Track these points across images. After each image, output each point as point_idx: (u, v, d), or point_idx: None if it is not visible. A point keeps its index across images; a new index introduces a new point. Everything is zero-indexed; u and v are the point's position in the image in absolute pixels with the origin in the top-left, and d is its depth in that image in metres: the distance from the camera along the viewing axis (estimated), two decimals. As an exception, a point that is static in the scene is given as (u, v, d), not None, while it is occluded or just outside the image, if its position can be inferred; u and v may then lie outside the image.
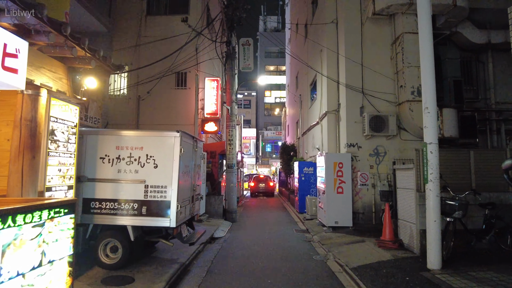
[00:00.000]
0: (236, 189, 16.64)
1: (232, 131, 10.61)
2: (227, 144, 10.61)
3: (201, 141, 6.33)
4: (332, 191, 8.57)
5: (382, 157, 9.40)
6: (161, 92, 11.29)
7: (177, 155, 4.79)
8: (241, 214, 12.37)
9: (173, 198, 4.70)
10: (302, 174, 11.97)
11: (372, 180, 9.27)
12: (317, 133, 11.80)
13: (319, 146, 11.44)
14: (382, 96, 9.45)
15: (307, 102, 14.53)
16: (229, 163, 10.58)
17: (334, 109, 10.21)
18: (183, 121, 11.06)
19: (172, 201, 4.69)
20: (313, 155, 12.74)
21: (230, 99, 10.65)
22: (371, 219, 9.14)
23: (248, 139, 44.01)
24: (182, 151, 4.88)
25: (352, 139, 9.40)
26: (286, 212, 13.31)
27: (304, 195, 11.77)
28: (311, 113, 13.42)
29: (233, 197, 10.54)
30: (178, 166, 4.77)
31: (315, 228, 9.07)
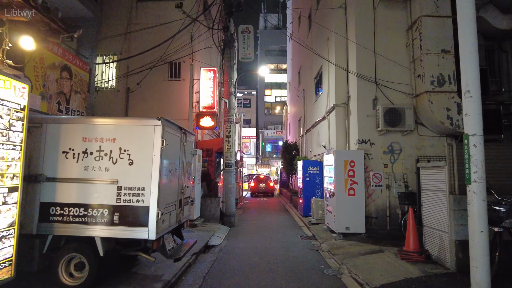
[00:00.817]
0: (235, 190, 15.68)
1: (231, 127, 9.63)
2: (225, 141, 9.63)
3: (192, 134, 5.35)
4: (343, 193, 7.59)
5: (397, 154, 8.43)
6: (152, 84, 10.32)
7: (158, 149, 3.81)
8: (240, 218, 11.39)
9: (152, 202, 3.73)
10: (307, 174, 10.99)
11: (387, 181, 8.30)
12: (323, 130, 10.83)
13: (326, 143, 10.46)
14: (397, 87, 8.48)
15: (311, 97, 13.56)
16: (227, 162, 9.61)
17: (343, 102, 9.24)
18: (176, 116, 10.07)
19: (152, 207, 3.72)
20: (318, 154, 11.77)
21: (228, 91, 9.67)
22: (385, 225, 8.16)
23: (248, 139, 43.14)
24: (165, 144, 3.91)
25: (364, 134, 8.42)
26: (289, 215, 12.33)
27: (308, 197, 10.79)
28: (315, 109, 12.44)
29: (231, 199, 9.56)
30: (160, 162, 3.80)
31: (323, 234, 8.08)
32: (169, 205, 4.19)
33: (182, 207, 4.74)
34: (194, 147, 5.69)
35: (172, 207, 4.33)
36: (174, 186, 4.43)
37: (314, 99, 12.90)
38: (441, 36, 8.04)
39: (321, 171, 11.02)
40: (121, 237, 3.78)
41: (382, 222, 8.19)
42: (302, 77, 16.80)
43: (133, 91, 10.08)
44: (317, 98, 12.14)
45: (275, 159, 42.42)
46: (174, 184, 4.41)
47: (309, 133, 13.95)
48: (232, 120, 9.71)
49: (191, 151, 5.30)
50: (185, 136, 4.87)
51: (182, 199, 4.71)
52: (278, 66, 48.37)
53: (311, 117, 13.55)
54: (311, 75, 13.49)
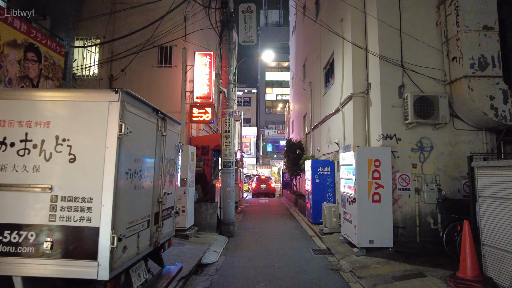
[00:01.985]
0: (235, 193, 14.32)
1: (230, 120, 8.27)
2: (223, 136, 8.28)
3: (177, 122, 3.99)
4: (366, 199, 6.23)
5: (427, 152, 7.07)
6: (139, 71, 8.96)
7: (114, 138, 2.47)
8: (241, 225, 10.02)
9: (104, 221, 2.38)
10: (316, 175, 9.63)
11: (415, 183, 6.94)
12: (336, 124, 9.47)
13: (339, 140, 9.10)
14: (427, 72, 7.12)
15: (319, 90, 12.21)
16: (226, 161, 8.25)
17: (362, 91, 7.88)
18: (167, 107, 8.65)
19: (103, 228, 2.37)
20: (329, 152, 10.41)
21: (226, 79, 8.32)
22: (414, 236, 6.80)
23: (248, 138, 41.84)
24: (127, 131, 2.56)
25: (389, 128, 7.06)
26: (295, 221, 10.96)
27: (319, 202, 9.43)
28: (325, 102, 11.08)
29: (230, 204, 8.20)
30: (116, 159, 2.46)
31: (340, 248, 6.73)
32: (136, 223, 2.84)
33: (161, 222, 3.38)
34: (188, 141, 4.31)
35: (143, 225, 2.98)
36: (146, 194, 3.08)
37: (323, 91, 11.54)
38: (482, 10, 6.69)
39: (332, 172, 9.67)
40: (56, 276, 2.42)
41: (410, 233, 6.84)
42: (308, 69, 15.45)
43: (116, 78, 8.71)
44: (327, 90, 10.78)
45: (276, 159, 41.18)
46: (145, 192, 3.05)
47: (317, 130, 12.59)
48: (231, 113, 8.36)
49: (176, 146, 3.94)
50: (164, 123, 3.50)
51: (159, 211, 3.36)
52: (279, 64, 47.12)
53: (319, 112, 12.19)
54: (319, 65, 12.14)
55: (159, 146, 3.36)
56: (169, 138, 3.62)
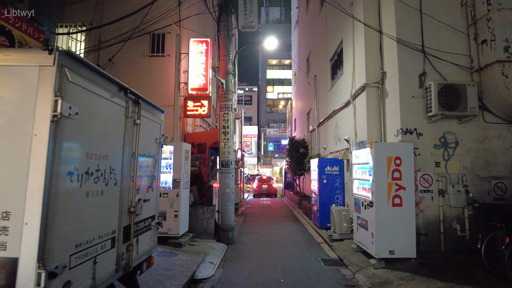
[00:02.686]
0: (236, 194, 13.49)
1: (228, 114, 7.45)
2: (221, 132, 7.45)
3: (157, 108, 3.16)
4: (385, 203, 5.39)
5: (452, 149, 6.23)
6: (129, 60, 8.14)
7: (46, 121, 1.64)
8: (241, 229, 9.20)
9: (26, 249, 1.55)
10: (324, 175, 8.79)
11: (439, 184, 6.10)
12: (346, 119, 8.63)
13: (349, 136, 8.26)
14: (451, 59, 6.28)
15: (325, 83, 11.36)
16: (224, 159, 7.43)
17: (376, 80, 7.04)
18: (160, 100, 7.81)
19: (24, 260, 1.54)
20: (336, 150, 9.57)
21: (225, 69, 7.49)
22: (438, 244, 5.96)
23: (249, 137, 41.02)
24: (73, 113, 1.74)
25: (408, 122, 6.22)
26: (300, 225, 10.13)
27: (327, 204, 8.60)
28: (332, 96, 10.24)
29: (229, 208, 7.38)
30: (50, 152, 1.63)
31: (354, 258, 5.89)
32: (90, 244, 2.02)
33: (133, 239, 2.55)
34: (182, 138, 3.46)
35: (103, 245, 2.16)
36: (107, 203, 2.24)
37: (329, 84, 10.70)
38: (516, -15, 5.85)
39: (341, 172, 8.84)
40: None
41: (433, 240, 6.00)
42: (313, 63, 14.60)
43: (104, 68, 7.89)
44: (335, 83, 9.94)
45: (277, 158, 40.40)
46: (106, 200, 2.22)
47: (323, 127, 11.75)
48: (230, 106, 7.53)
49: (157, 139, 3.12)
50: (138, 108, 2.67)
51: (131, 224, 2.53)
52: (280, 62, 46.36)
53: (325, 108, 11.35)
54: (325, 57, 11.29)
55: (130, 138, 2.53)
56: (146, 128, 2.79)
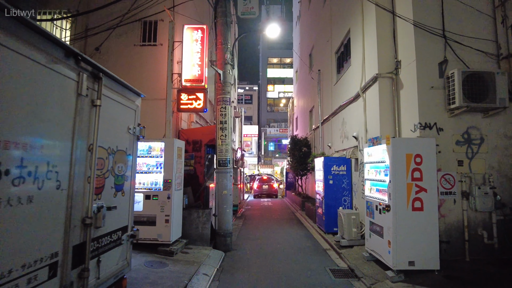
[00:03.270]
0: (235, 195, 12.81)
1: (226, 109, 6.78)
2: (218, 129, 6.78)
3: (129, 88, 2.47)
4: (404, 207, 4.72)
5: (476, 146, 5.55)
6: (118, 50, 7.47)
7: None
8: (240, 234, 8.53)
9: None
10: (330, 175, 8.11)
11: (462, 186, 5.43)
12: (354, 115, 7.95)
13: (358, 133, 7.59)
14: (475, 44, 5.61)
15: (330, 78, 10.69)
16: (221, 158, 6.76)
17: (389, 71, 6.36)
18: (151, 93, 7.23)
19: None
20: (343, 149, 8.90)
21: (222, 58, 6.82)
22: (462, 253, 5.30)
23: (250, 137, 40.38)
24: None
25: (427, 116, 5.55)
26: (304, 228, 9.45)
27: (333, 207, 7.93)
28: (338, 90, 9.57)
29: (227, 211, 6.71)
30: None
31: (367, 268, 5.22)
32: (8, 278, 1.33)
33: (89, 262, 1.87)
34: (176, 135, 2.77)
35: (32, 278, 1.48)
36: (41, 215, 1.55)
37: (335, 79, 10.03)
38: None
39: (349, 172, 8.17)
40: None
41: (456, 249, 5.33)
42: (316, 58, 13.93)
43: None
44: (341, 76, 9.27)
45: (278, 158, 39.80)
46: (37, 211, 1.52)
47: (327, 124, 11.08)
48: (228, 100, 6.86)
49: (130, 129, 2.44)
50: (99, 85, 1.98)
51: (87, 241, 1.85)
52: (281, 60, 45.78)
53: (329, 104, 10.68)
54: (330, 50, 10.63)
55: (86, 124, 1.86)
56: (112, 113, 2.13)
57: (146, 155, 6.01)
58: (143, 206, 5.89)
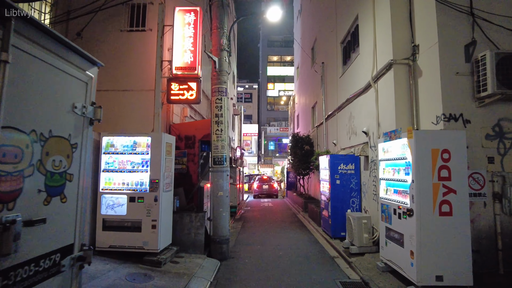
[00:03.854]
0: (233, 196, 12.12)
1: (222, 100, 6.06)
2: (214, 123, 6.06)
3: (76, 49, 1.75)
4: (430, 211, 4.01)
5: (509, 141, 4.83)
6: (104, 36, 6.75)
7: None
8: (239, 239, 7.81)
9: None
10: (337, 175, 7.40)
11: (493, 186, 4.72)
12: (364, 108, 7.23)
13: (368, 127, 6.87)
14: (508, 24, 4.89)
15: (334, 71, 9.97)
16: (217, 156, 6.04)
17: (406, 56, 5.64)
18: (139, 84, 6.53)
19: None
20: (351, 146, 8.19)
21: (218, 44, 6.10)
22: (495, 264, 4.59)
23: (249, 136, 39.77)
24: None
25: (452, 106, 4.83)
26: (307, 232, 8.73)
27: (340, 209, 7.22)
28: (345, 83, 8.85)
29: (223, 215, 5.98)
30: None
31: (383, 282, 4.50)
32: None
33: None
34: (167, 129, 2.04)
35: None
36: None
37: (340, 71, 9.31)
38: None
39: (357, 171, 7.46)
40: None
41: (488, 259, 4.61)
42: (319, 51, 13.20)
43: (70, 45, 6.50)
44: (348, 68, 8.54)
45: (278, 158, 39.15)
46: None
47: (332, 120, 10.36)
48: (225, 91, 6.14)
49: (77, 108, 1.72)
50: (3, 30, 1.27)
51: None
52: (281, 58, 45.09)
53: (334, 98, 9.96)
54: (335, 40, 9.91)
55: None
56: (41, 80, 1.42)
57: (131, 151, 5.29)
58: (127, 210, 5.18)
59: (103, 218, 5.21)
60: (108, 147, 5.36)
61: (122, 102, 6.43)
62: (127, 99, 6.42)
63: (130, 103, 6.40)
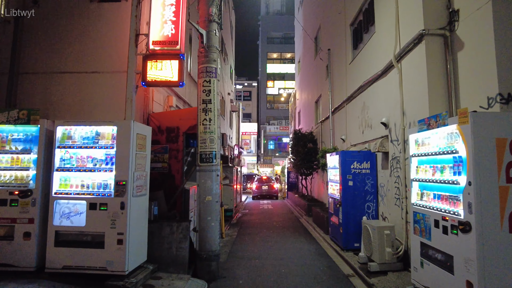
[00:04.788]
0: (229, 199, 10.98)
1: (213, 83, 4.90)
2: (200, 110, 4.89)
3: None
4: (496, 225, 2.86)
5: None
6: (68, 7, 5.58)
7: None
8: (233, 250, 6.65)
9: None
10: (349, 175, 6.25)
11: None
12: (381, 95, 6.08)
13: (388, 118, 5.72)
14: None
15: (343, 57, 8.83)
16: (205, 152, 4.87)
17: (441, 26, 4.47)
18: (110, 65, 5.36)
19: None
20: (364, 141, 7.06)
21: (205, 14, 4.94)
22: None
23: (249, 135, 38.66)
24: None
25: (508, 83, 3.66)
26: (313, 241, 7.57)
27: (353, 215, 6.09)
28: (356, 69, 7.70)
29: (212, 225, 4.82)
30: None
31: (423, 320, 3.34)
32: None
33: None
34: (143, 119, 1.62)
35: None
36: None
37: (351, 56, 8.17)
38: None
39: (373, 170, 6.31)
40: None
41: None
42: (323, 39, 12.04)
43: (28, 16, 5.31)
44: (360, 51, 7.40)
45: (278, 157, 38.05)
46: None
47: (340, 113, 9.21)
48: (214, 71, 4.97)
49: None
50: None
51: None
52: (281, 55, 43.99)
53: (343, 88, 8.82)
54: (344, 23, 8.76)
55: None
56: None
57: (92, 144, 4.13)
58: (87, 220, 4.03)
59: (56, 231, 4.05)
60: (64, 139, 4.20)
61: (89, 86, 5.27)
62: (95, 82, 5.27)
63: (99, 88, 5.25)
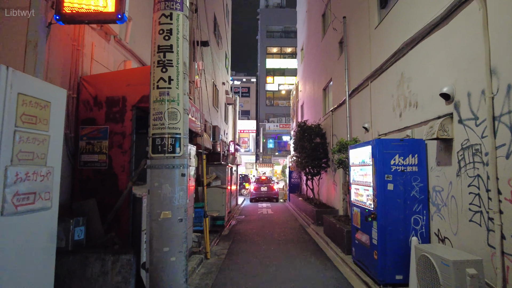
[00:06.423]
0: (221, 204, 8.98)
1: (176, 21, 2.87)
2: (154, 65, 2.85)
3: None
4: None
5: None
6: None
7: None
8: (218, 282, 4.64)
9: None
10: (388, 174, 4.24)
11: None
12: (438, 54, 4.05)
13: (454, 87, 3.70)
14: None
15: (365, 23, 6.83)
16: (161, 134, 2.84)
17: None
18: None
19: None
20: (402, 128, 5.05)
21: None
22: None
23: (247, 133, 36.79)
24: None
25: None
26: (329, 263, 5.56)
27: (394, 233, 4.10)
28: (386, 33, 5.69)
29: (171, 260, 2.77)
30: None
31: None
32: None
33: None
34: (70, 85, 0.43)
35: None
36: None
37: (377, 19, 6.18)
38: None
39: (423, 168, 4.30)
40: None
41: None
42: (336, 5, 10.02)
43: None
44: (392, 7, 5.38)
45: (278, 156, 36.17)
46: None
47: (360, 96, 7.21)
48: (180, 0, 2.94)
49: None
50: None
51: None
52: (281, 50, 42.05)
53: (366, 62, 6.83)
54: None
55: None
56: None
57: None
58: None
59: None
60: None
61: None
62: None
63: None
